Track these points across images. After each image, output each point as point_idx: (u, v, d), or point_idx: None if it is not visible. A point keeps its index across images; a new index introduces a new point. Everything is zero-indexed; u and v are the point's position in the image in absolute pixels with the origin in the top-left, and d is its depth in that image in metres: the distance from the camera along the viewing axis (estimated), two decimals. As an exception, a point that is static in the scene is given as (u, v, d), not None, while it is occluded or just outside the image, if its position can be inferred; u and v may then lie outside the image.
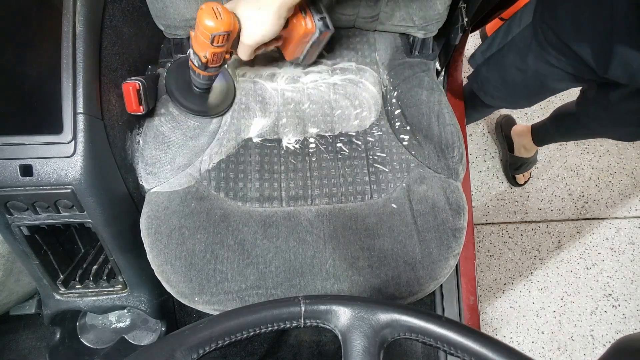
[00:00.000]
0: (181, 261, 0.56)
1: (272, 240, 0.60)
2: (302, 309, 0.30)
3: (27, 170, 0.48)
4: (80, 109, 0.48)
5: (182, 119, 0.64)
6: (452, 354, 0.29)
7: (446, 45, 0.78)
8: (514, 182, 1.29)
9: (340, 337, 0.30)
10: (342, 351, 0.30)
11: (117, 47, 0.57)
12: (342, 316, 0.30)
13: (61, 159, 0.48)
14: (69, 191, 0.49)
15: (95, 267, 0.64)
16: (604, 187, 1.32)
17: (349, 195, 0.65)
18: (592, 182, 1.32)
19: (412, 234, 0.62)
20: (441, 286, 0.77)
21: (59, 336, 0.70)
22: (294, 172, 0.66)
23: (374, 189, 0.65)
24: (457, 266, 0.78)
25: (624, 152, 1.37)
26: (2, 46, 0.49)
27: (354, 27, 0.75)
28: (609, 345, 0.43)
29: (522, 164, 1.24)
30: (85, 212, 0.52)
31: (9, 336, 0.77)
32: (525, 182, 1.28)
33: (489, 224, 1.27)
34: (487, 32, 1.39)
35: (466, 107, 0.90)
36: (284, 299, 0.31)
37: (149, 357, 0.27)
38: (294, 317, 0.30)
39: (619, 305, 1.21)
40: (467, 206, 0.64)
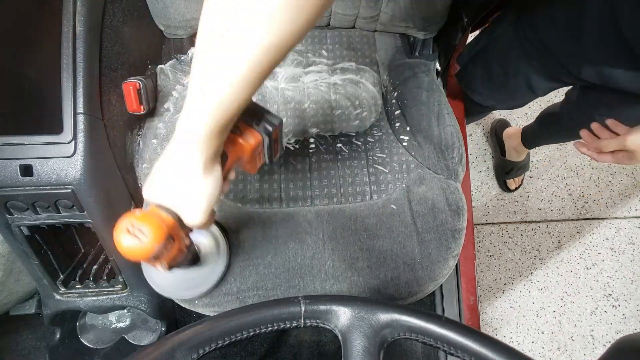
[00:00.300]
0: (181, 261, 0.56)
1: (272, 241, 0.60)
2: (302, 309, 0.30)
3: (27, 170, 0.48)
4: (80, 109, 0.48)
5: (182, 119, 0.64)
6: (452, 354, 0.29)
7: (446, 45, 0.78)
8: (504, 187, 1.27)
9: (340, 337, 0.30)
10: (342, 351, 0.30)
11: (117, 47, 0.57)
12: (342, 316, 0.30)
13: (61, 159, 0.48)
14: (69, 191, 0.49)
15: (95, 267, 0.64)
16: (604, 187, 1.32)
17: (348, 195, 0.65)
18: (592, 182, 1.32)
19: (412, 235, 0.62)
20: (441, 286, 0.77)
21: (59, 336, 0.69)
22: (293, 172, 0.65)
23: (374, 190, 0.65)
24: (457, 266, 0.78)
25: (623, 153, 1.36)
26: (2, 46, 0.49)
27: (354, 28, 0.75)
28: (609, 345, 0.42)
29: (513, 168, 1.23)
30: (85, 212, 0.52)
31: (9, 336, 0.77)
32: (516, 188, 1.27)
33: (489, 224, 1.27)
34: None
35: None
36: (284, 299, 0.31)
37: (149, 357, 0.27)
38: (294, 317, 0.30)
39: (619, 305, 1.21)
40: (466, 207, 0.64)
